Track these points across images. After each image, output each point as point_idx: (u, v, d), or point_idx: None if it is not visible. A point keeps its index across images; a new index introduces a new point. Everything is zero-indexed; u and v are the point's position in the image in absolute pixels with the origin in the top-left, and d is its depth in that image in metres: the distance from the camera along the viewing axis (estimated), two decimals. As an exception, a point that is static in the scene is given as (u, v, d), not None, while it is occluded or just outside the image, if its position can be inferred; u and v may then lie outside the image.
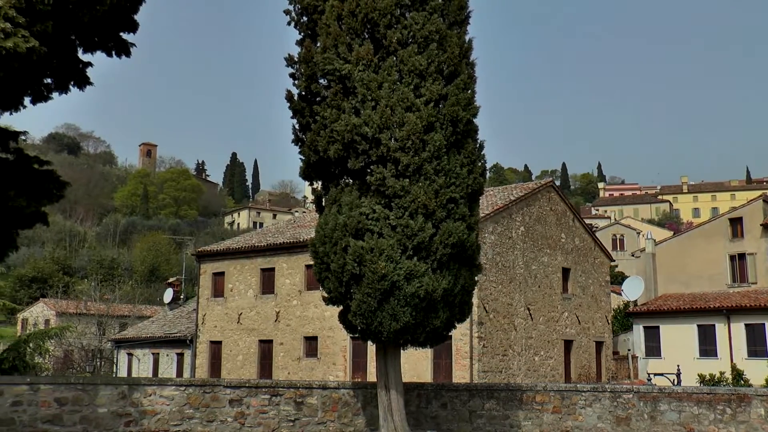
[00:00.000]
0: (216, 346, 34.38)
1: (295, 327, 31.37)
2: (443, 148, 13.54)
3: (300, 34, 14.88)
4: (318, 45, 14.16)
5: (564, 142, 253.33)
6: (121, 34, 12.62)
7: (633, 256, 53.22)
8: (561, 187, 52.57)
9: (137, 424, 13.76)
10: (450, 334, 15.42)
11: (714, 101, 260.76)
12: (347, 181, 14.19)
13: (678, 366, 31.97)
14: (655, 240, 43.44)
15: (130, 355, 40.12)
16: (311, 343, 30.97)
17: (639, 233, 77.45)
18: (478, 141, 14.74)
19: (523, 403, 16.62)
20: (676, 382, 29.87)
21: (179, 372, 36.63)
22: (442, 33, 13.90)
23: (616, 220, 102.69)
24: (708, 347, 35.03)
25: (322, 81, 14.18)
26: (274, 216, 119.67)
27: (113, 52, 12.70)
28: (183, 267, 51.71)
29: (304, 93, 14.57)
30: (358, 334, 14.53)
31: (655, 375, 31.54)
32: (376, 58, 13.68)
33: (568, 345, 32.67)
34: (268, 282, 32.85)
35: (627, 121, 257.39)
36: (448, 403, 16.86)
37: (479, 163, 14.56)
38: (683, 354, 34.69)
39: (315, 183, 15.40)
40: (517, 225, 30.29)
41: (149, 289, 72.12)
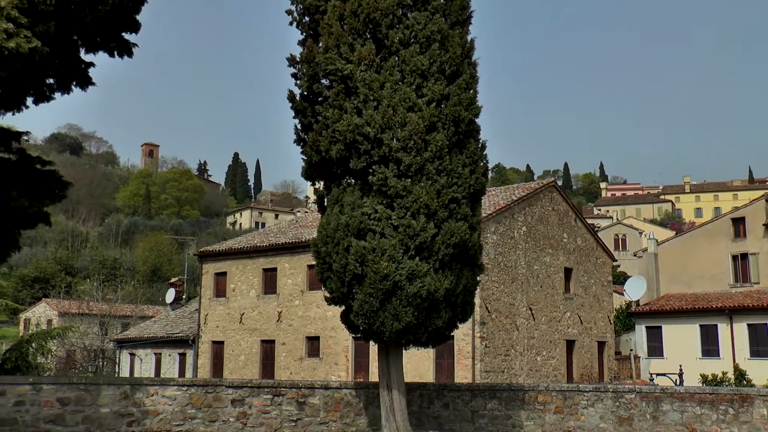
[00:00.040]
0: (218, 346, 34.40)
1: (297, 327, 31.38)
2: (445, 148, 13.54)
3: (302, 34, 14.88)
4: (320, 45, 14.17)
5: (566, 142, 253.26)
6: (123, 34, 12.62)
7: (635, 256, 53.18)
8: (563, 187, 52.54)
9: (139, 424, 13.78)
10: (452, 334, 15.42)
11: (716, 101, 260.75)
12: (349, 181, 14.19)
13: (680, 366, 31.96)
14: (657, 240, 43.38)
15: (132, 355, 40.16)
16: (313, 343, 30.98)
17: (641, 233, 77.41)
18: (480, 141, 14.74)
19: (525, 403, 16.61)
20: (678, 383, 29.86)
21: (181, 372, 36.65)
22: (444, 33, 13.90)
23: (618, 220, 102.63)
24: (710, 347, 34.98)
25: (324, 81, 14.19)
26: (276, 216, 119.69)
27: (115, 53, 12.70)
28: (185, 267, 51.66)
29: (306, 93, 14.57)
30: (360, 334, 14.54)
31: (658, 375, 31.53)
32: (378, 58, 13.68)
33: (571, 345, 32.65)
34: (270, 282, 32.87)
35: (629, 120, 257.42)
36: (450, 403, 16.86)
37: (481, 163, 14.57)
38: (685, 354, 34.65)
39: (317, 183, 15.40)
40: (519, 225, 30.28)
41: (151, 289, 72.12)
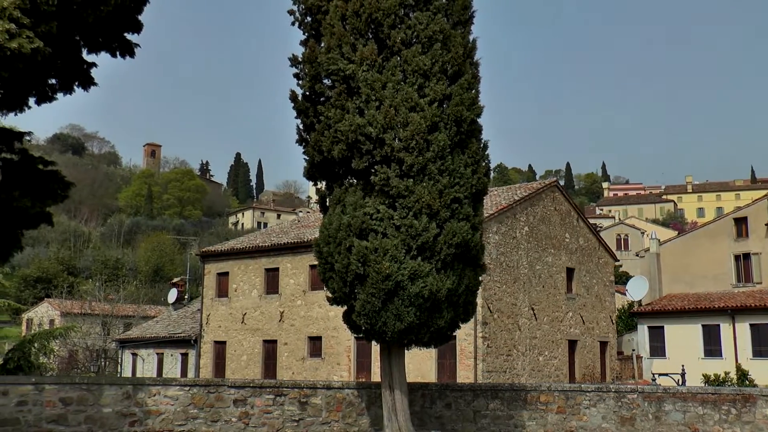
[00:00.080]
0: (220, 346, 34.41)
1: (300, 327, 31.39)
2: (447, 148, 13.54)
3: (304, 34, 14.88)
4: (322, 45, 14.18)
5: (568, 142, 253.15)
6: (125, 34, 12.64)
7: (637, 256, 53.08)
8: (565, 187, 52.52)
9: (142, 423, 13.79)
10: (454, 334, 15.43)
11: (718, 100, 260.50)
12: (351, 181, 14.19)
13: (682, 366, 31.93)
14: (659, 240, 43.33)
15: (134, 355, 40.19)
16: (315, 343, 30.98)
17: (643, 233, 77.33)
18: (482, 141, 14.75)
19: (527, 403, 16.61)
20: (680, 382, 29.83)
21: (183, 372, 36.67)
22: (446, 33, 13.90)
23: (620, 219, 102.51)
24: (713, 347, 34.95)
25: (326, 81, 14.19)
26: (279, 216, 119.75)
27: (117, 53, 12.72)
28: (187, 267, 51.72)
29: (308, 93, 14.58)
30: (363, 334, 14.54)
31: (660, 375, 31.50)
32: (380, 58, 13.68)
33: (573, 345, 32.63)
34: (272, 282, 32.88)
35: (631, 120, 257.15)
36: (452, 403, 16.86)
37: (483, 163, 14.56)
38: (688, 354, 34.61)
39: (319, 183, 15.40)
40: (521, 225, 30.26)
41: (153, 289, 72.12)
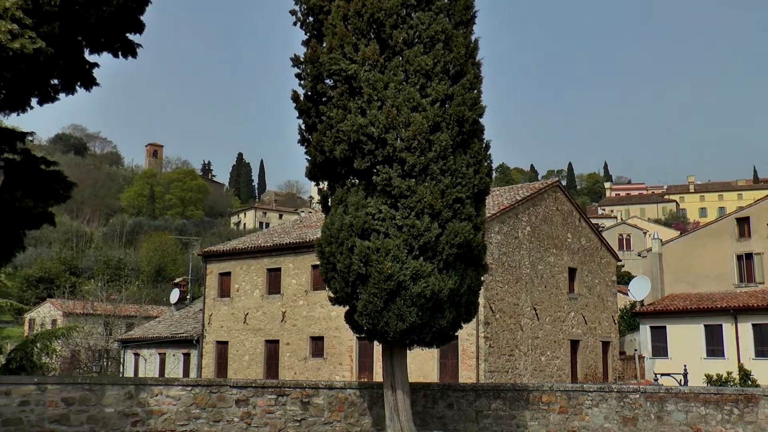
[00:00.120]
0: (222, 346, 34.43)
1: (302, 327, 31.40)
2: (449, 148, 13.54)
3: (306, 34, 14.88)
4: (324, 45, 14.17)
5: (570, 142, 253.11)
6: (127, 34, 12.65)
7: (639, 256, 53.04)
8: (567, 187, 52.48)
9: (144, 423, 13.79)
10: (456, 334, 15.41)
11: (721, 100, 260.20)
12: (353, 181, 14.19)
13: (685, 366, 31.90)
14: (661, 240, 43.30)
15: (136, 355, 40.22)
16: (317, 343, 30.99)
17: (645, 233, 77.31)
18: (484, 141, 14.74)
19: (529, 403, 16.60)
20: (682, 383, 29.79)
21: (186, 372, 36.69)
22: (448, 33, 13.89)
23: (622, 219, 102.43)
24: (715, 347, 34.92)
25: (328, 81, 14.19)
26: (281, 216, 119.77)
27: (119, 53, 12.73)
28: (189, 267, 51.76)
29: (310, 93, 14.58)
30: (365, 334, 14.54)
31: (662, 375, 31.46)
32: (382, 58, 13.68)
33: (575, 345, 32.61)
34: (274, 282, 32.89)
35: (633, 120, 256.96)
36: (454, 403, 16.85)
37: (485, 163, 14.55)
38: (690, 354, 34.59)
39: (321, 183, 15.41)
40: (524, 225, 30.25)
41: (156, 289, 72.17)
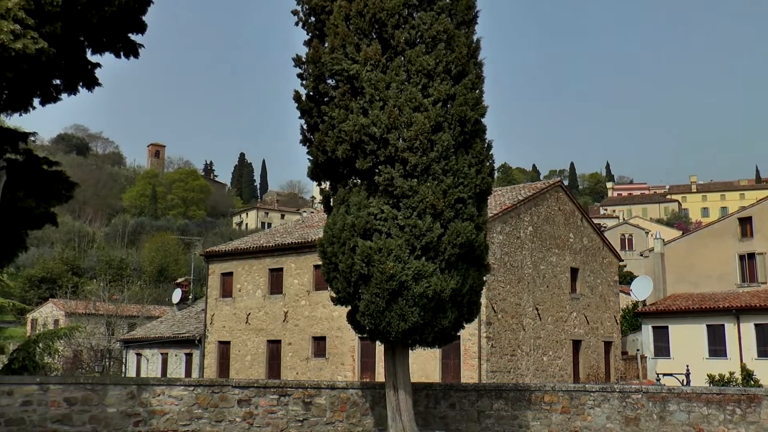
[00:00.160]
0: (224, 347, 34.44)
1: (304, 327, 31.40)
2: (451, 148, 13.53)
3: (308, 34, 14.88)
4: (326, 45, 14.17)
5: (572, 142, 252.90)
6: (129, 35, 12.65)
7: (642, 255, 53.01)
8: (569, 187, 52.49)
9: (146, 423, 13.80)
10: (458, 334, 15.41)
11: (723, 100, 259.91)
12: (355, 181, 14.19)
13: (687, 366, 31.86)
14: (663, 240, 43.26)
15: (138, 355, 40.24)
16: (319, 343, 31.00)
17: (648, 233, 77.18)
18: (486, 141, 14.72)
19: (531, 403, 16.59)
20: (685, 383, 29.76)
21: (188, 372, 36.71)
22: (449, 33, 13.89)
23: (624, 219, 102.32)
24: (717, 347, 34.89)
25: (330, 81, 14.18)
26: (283, 216, 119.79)
27: (121, 53, 12.73)
28: (191, 267, 51.80)
29: (312, 93, 14.57)
30: (367, 335, 14.53)
31: (664, 375, 31.42)
32: (384, 58, 13.67)
33: (577, 345, 32.60)
34: (276, 282, 32.90)
35: (635, 120, 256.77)
36: (456, 404, 16.85)
37: (487, 163, 14.54)
38: (692, 354, 34.56)
39: (323, 183, 15.40)
40: (526, 225, 30.24)
41: (158, 289, 72.26)
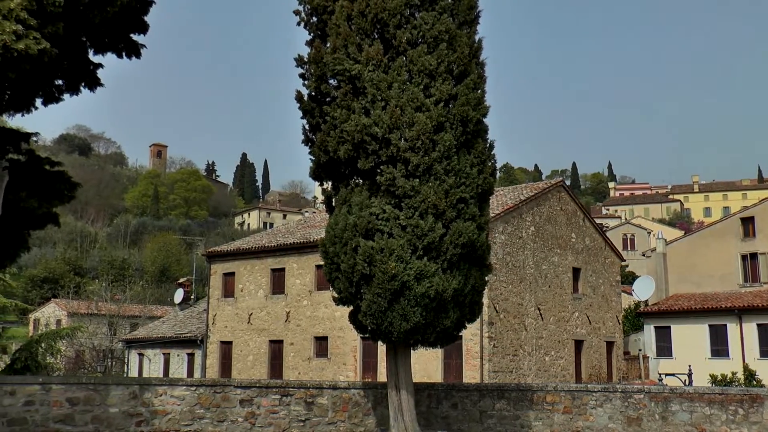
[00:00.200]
0: (226, 347, 34.46)
1: (306, 327, 31.41)
2: (453, 148, 13.52)
3: (310, 34, 14.88)
4: (328, 45, 14.16)
5: (574, 142, 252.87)
6: (131, 35, 12.65)
7: (644, 255, 52.99)
8: (571, 187, 52.44)
9: (148, 423, 13.81)
10: (460, 334, 15.40)
11: (725, 99, 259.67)
12: (357, 181, 14.18)
13: (689, 366, 31.83)
14: (665, 240, 43.22)
15: (140, 355, 40.28)
16: (321, 344, 31.00)
17: (650, 233, 77.24)
18: (488, 141, 14.71)
19: (533, 403, 16.58)
20: (687, 383, 29.73)
21: (190, 372, 36.73)
22: (451, 33, 13.88)
23: (626, 219, 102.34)
24: (720, 347, 34.85)
25: (331, 81, 14.18)
26: (285, 216, 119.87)
27: (124, 54, 12.73)
28: (193, 267, 51.83)
29: (313, 93, 14.57)
30: (369, 335, 14.53)
31: (667, 375, 31.42)
32: (386, 58, 13.67)
33: (579, 345, 32.58)
34: (278, 282, 32.91)
35: (637, 120, 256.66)
36: (458, 404, 16.84)
37: (489, 163, 14.53)
38: (694, 354, 34.52)
39: (325, 183, 15.40)
40: (528, 225, 30.23)
41: (160, 289, 72.32)
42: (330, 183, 15.10)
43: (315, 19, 14.72)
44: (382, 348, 23.68)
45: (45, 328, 53.08)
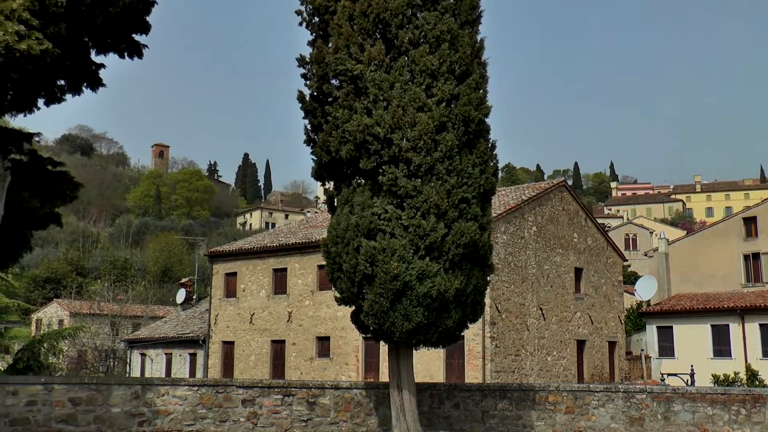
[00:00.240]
0: (228, 347, 34.47)
1: (308, 327, 31.41)
2: (455, 148, 13.52)
3: (312, 34, 14.89)
4: (330, 45, 14.17)
5: (576, 142, 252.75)
6: (133, 35, 12.66)
7: (646, 255, 52.94)
8: (573, 187, 52.45)
9: (150, 423, 13.82)
10: (462, 334, 15.41)
11: (727, 99, 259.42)
12: (359, 181, 14.18)
13: (692, 366, 31.81)
14: (668, 239, 43.16)
15: (143, 355, 40.30)
16: (324, 343, 31.01)
17: (652, 233, 77.14)
18: (490, 141, 14.72)
19: (535, 403, 16.58)
20: (689, 383, 29.71)
21: (192, 372, 36.74)
22: (453, 33, 13.88)
23: (628, 219, 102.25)
24: (722, 347, 34.80)
25: (333, 81, 14.19)
26: (287, 216, 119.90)
27: (125, 54, 12.75)
28: (195, 267, 51.85)
29: (315, 93, 14.58)
30: (371, 335, 14.53)
31: (669, 375, 31.39)
32: (388, 58, 13.67)
33: (581, 345, 32.56)
34: (280, 282, 32.92)
35: (639, 120, 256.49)
36: (460, 404, 16.84)
37: (491, 163, 14.53)
38: (697, 354, 34.48)
39: (327, 183, 15.40)
40: (530, 225, 30.21)
41: (162, 289, 72.31)
42: (332, 183, 15.10)
43: (317, 19, 14.72)
44: (384, 348, 23.67)
45: (47, 329, 53.15)
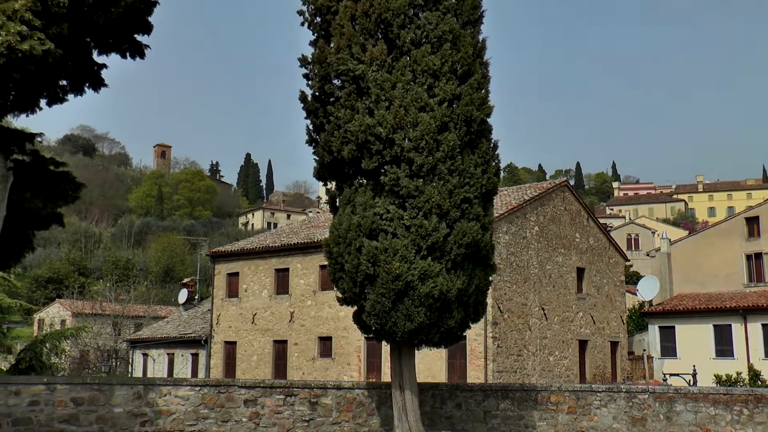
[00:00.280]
0: (230, 347, 34.48)
1: (310, 327, 31.42)
2: (457, 148, 13.52)
3: (313, 34, 14.89)
4: (331, 45, 14.18)
5: (578, 142, 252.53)
6: (135, 35, 12.68)
7: (648, 255, 52.96)
8: (575, 187, 52.40)
9: (152, 423, 13.83)
10: (464, 334, 15.40)
11: (729, 99, 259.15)
12: (361, 181, 14.19)
13: (694, 366, 31.80)
14: (670, 239, 43.14)
15: (145, 355, 40.33)
16: (326, 344, 31.00)
17: (654, 233, 77.10)
18: (492, 141, 14.72)
19: (537, 403, 16.57)
20: (691, 383, 29.70)
21: (194, 372, 36.76)
22: (455, 33, 13.88)
23: (630, 219, 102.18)
24: (724, 347, 34.78)
25: (335, 81, 14.19)
26: (288, 216, 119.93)
27: (127, 54, 12.76)
28: (197, 267, 51.88)
29: (317, 93, 14.59)
30: (373, 335, 14.53)
31: (671, 375, 31.36)
32: (390, 59, 13.67)
33: (583, 345, 32.54)
34: (282, 282, 32.93)
35: (642, 120, 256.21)
36: (462, 404, 16.83)
37: (493, 163, 14.53)
38: (699, 354, 34.47)
39: (329, 183, 15.40)
40: (532, 225, 30.20)
41: (164, 289, 72.30)
42: (334, 183, 15.11)
43: (319, 19, 14.73)
44: (386, 348, 23.70)
45: (49, 329, 53.13)
